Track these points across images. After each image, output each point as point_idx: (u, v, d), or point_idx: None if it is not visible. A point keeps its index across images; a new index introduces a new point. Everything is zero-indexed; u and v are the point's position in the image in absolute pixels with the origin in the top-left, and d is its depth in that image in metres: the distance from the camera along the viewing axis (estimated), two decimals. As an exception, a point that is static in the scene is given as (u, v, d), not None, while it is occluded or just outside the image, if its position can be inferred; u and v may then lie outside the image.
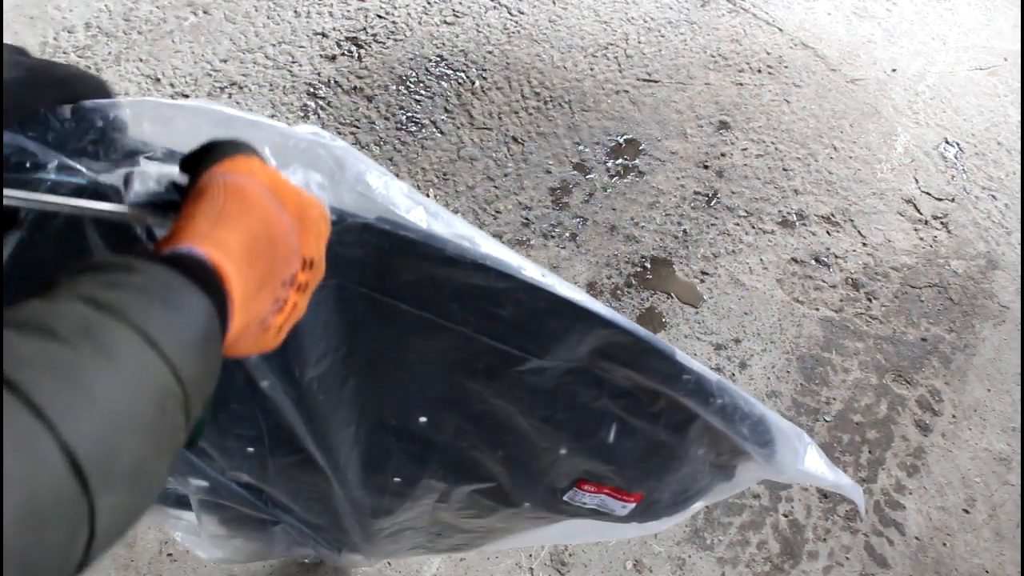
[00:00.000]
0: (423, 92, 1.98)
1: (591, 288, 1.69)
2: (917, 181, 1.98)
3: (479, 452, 0.65)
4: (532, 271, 0.54)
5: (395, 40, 2.10)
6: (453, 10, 2.18)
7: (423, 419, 0.62)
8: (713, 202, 1.87)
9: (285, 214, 0.42)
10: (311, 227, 0.44)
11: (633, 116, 2.02)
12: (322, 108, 1.91)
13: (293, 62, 2.00)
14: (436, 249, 0.51)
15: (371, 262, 0.52)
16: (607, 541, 1.37)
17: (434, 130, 1.90)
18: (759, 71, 2.17)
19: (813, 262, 1.79)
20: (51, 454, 0.25)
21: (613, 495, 0.68)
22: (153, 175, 0.44)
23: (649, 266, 1.74)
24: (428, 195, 1.79)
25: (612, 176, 1.89)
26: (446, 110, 1.95)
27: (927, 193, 1.96)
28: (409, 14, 2.16)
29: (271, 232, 0.41)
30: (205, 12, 2.09)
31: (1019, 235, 1.91)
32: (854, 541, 1.41)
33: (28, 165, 0.47)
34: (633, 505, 0.69)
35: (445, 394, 0.60)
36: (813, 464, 0.63)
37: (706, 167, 1.93)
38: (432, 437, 0.63)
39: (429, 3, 2.20)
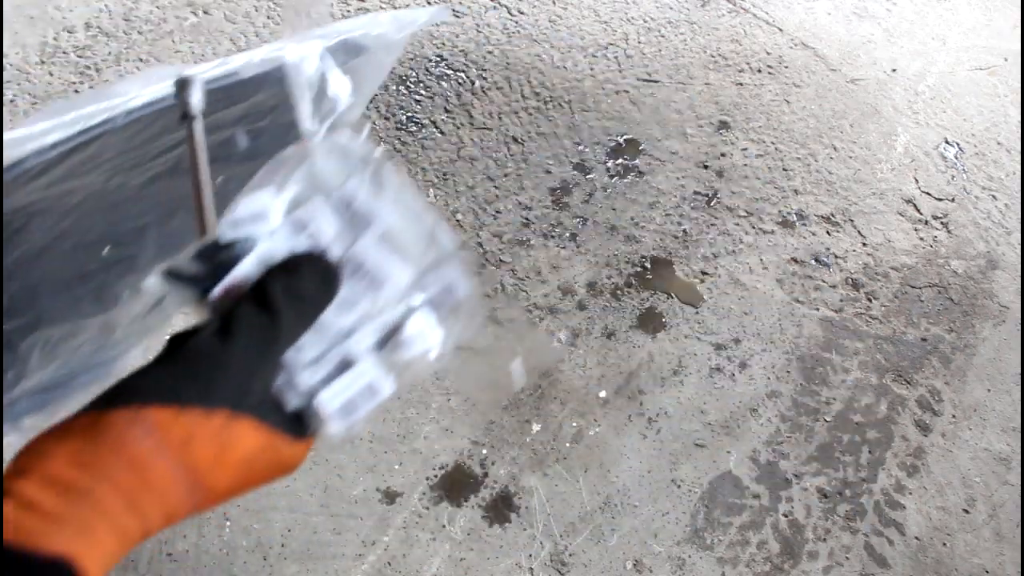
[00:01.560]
0: (423, 92, 1.98)
1: (591, 288, 1.69)
2: (917, 181, 1.98)
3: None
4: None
5: (395, 40, 2.10)
6: (453, 10, 2.18)
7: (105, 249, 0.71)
8: (713, 202, 1.87)
9: (199, 500, 0.40)
10: (222, 495, 0.42)
11: (633, 116, 2.02)
12: (322, 108, 1.91)
13: (293, 62, 2.00)
14: None
15: None
16: (608, 542, 1.37)
17: (434, 130, 1.91)
18: (759, 71, 2.17)
19: (813, 262, 1.79)
20: None
21: None
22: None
23: (649, 266, 1.74)
24: (428, 195, 1.79)
25: (612, 176, 1.89)
26: (446, 110, 1.95)
27: (927, 193, 1.96)
28: (409, 14, 2.16)
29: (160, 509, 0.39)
30: (205, 12, 2.09)
31: (1019, 235, 1.91)
32: (854, 541, 1.41)
33: None
34: None
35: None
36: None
37: (706, 167, 1.93)
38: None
39: (429, 3, 2.20)
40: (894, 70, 2.23)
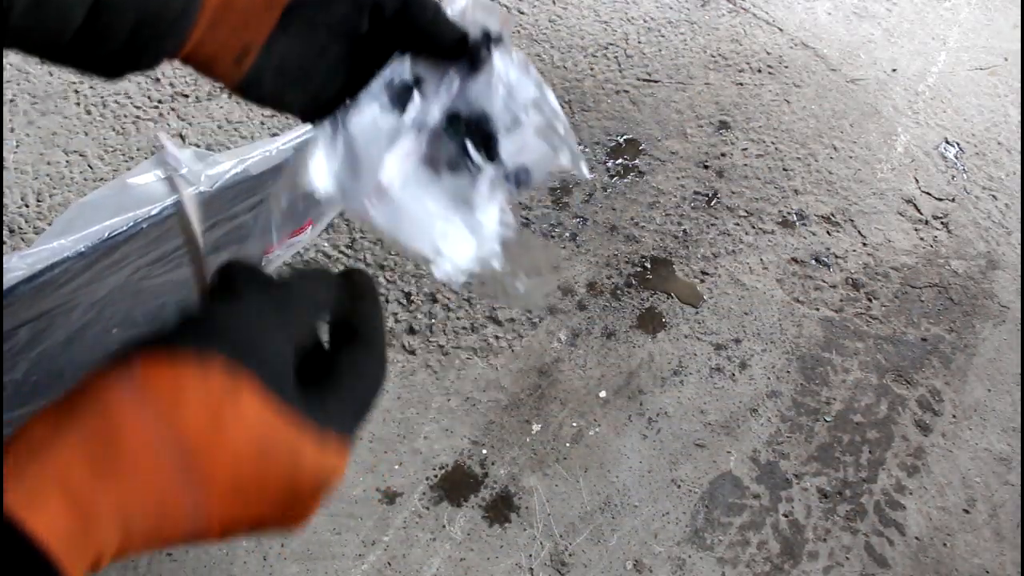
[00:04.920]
0: (423, 92, 1.98)
1: (591, 288, 1.69)
2: (917, 181, 1.98)
3: None
4: None
5: (395, 40, 2.10)
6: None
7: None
8: (713, 202, 1.87)
9: (194, 490, 0.31)
10: (256, 510, 0.33)
11: (633, 116, 2.02)
12: (322, 108, 1.91)
13: (293, 62, 2.00)
14: None
15: None
16: (608, 542, 1.37)
17: (434, 130, 1.91)
18: (759, 71, 2.17)
19: (813, 262, 1.79)
20: None
21: None
22: None
23: (649, 266, 1.74)
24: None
25: (612, 176, 1.89)
26: (446, 110, 1.95)
27: (927, 193, 1.96)
28: (409, 14, 2.16)
29: (155, 500, 0.30)
30: (205, 12, 2.09)
31: (1019, 235, 1.91)
32: (854, 541, 1.41)
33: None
34: None
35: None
36: None
37: (706, 167, 1.93)
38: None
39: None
40: (894, 70, 2.23)
